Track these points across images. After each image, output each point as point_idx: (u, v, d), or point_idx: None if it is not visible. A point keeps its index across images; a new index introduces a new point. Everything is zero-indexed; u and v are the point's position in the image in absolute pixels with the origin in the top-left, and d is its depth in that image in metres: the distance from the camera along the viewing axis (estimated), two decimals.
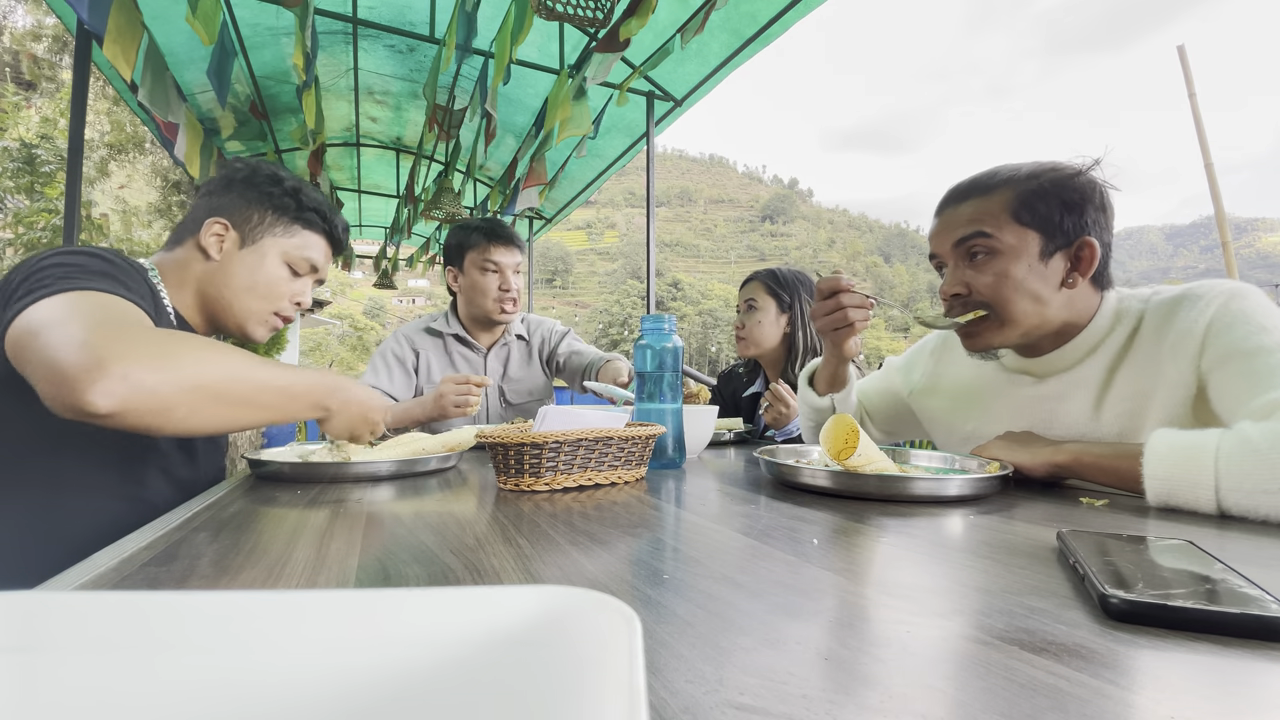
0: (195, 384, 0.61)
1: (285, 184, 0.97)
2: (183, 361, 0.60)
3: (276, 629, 0.19)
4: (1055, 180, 0.80)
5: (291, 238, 0.97)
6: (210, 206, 0.93)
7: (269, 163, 1.00)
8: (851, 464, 0.69)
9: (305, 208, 0.98)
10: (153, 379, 0.57)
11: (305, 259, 0.98)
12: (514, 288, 1.58)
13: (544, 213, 5.02)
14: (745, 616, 0.32)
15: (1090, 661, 0.27)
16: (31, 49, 11.63)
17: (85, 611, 0.18)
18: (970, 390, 0.99)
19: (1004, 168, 0.85)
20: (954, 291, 0.86)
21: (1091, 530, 0.46)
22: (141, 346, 0.58)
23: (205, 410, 0.63)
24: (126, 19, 1.87)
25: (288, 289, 0.98)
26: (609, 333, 77.42)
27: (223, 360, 0.65)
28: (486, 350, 1.67)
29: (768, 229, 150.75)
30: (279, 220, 0.96)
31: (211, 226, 0.91)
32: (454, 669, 0.18)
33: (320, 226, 1.00)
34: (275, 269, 0.96)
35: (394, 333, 1.66)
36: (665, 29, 2.59)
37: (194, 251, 0.92)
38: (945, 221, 0.88)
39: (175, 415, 0.60)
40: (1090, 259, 0.80)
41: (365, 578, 0.40)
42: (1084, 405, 0.84)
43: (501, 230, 1.58)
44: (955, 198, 0.87)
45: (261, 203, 0.95)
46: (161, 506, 0.83)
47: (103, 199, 9.58)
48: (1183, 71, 4.76)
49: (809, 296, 1.59)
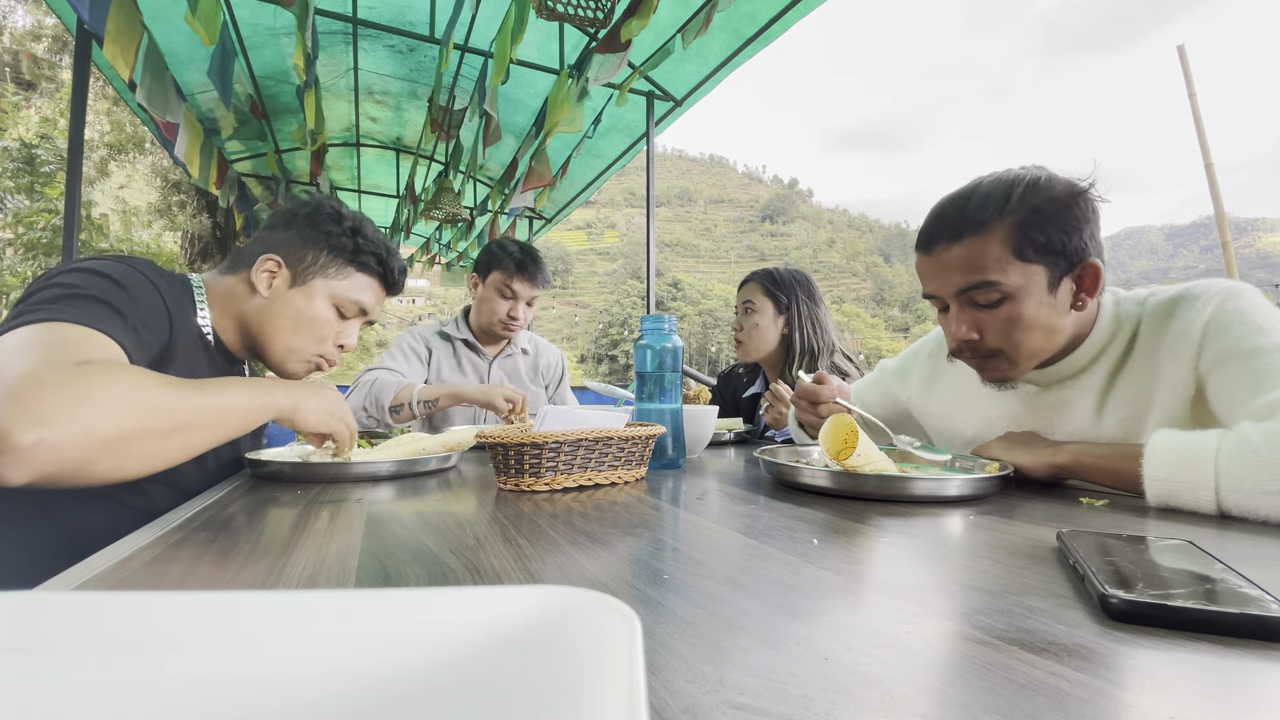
0: (116, 433, 0.57)
1: (345, 223, 0.96)
2: (100, 410, 0.56)
3: (277, 629, 0.19)
4: (1051, 205, 0.75)
5: (343, 280, 0.96)
6: (269, 241, 0.93)
7: (332, 200, 0.99)
8: (850, 464, 0.69)
9: (362, 250, 0.97)
10: (67, 444, 0.53)
11: (354, 301, 0.97)
12: (521, 316, 1.66)
13: (544, 213, 5.02)
14: (745, 616, 0.32)
15: (1090, 661, 0.27)
16: (31, 49, 11.64)
17: (85, 611, 0.18)
18: (971, 395, 0.98)
19: (989, 191, 0.78)
20: (967, 338, 0.82)
21: (1091, 530, 0.46)
22: (55, 402, 0.54)
23: (133, 457, 0.59)
24: (126, 19, 1.87)
25: (332, 330, 0.96)
26: (609, 333, 77.42)
27: (146, 397, 0.60)
28: (492, 358, 1.74)
29: (768, 229, 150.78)
30: (333, 261, 0.95)
31: (265, 263, 0.91)
32: (454, 669, 0.18)
33: (375, 270, 0.99)
34: (322, 310, 0.94)
35: (410, 329, 1.73)
36: (665, 29, 2.59)
37: (244, 284, 0.92)
38: (940, 264, 0.81)
39: (98, 470, 0.56)
40: (1095, 279, 0.78)
41: (365, 578, 0.40)
42: (1086, 411, 0.83)
43: (531, 265, 1.63)
44: (946, 234, 0.80)
45: (318, 242, 0.94)
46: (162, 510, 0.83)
47: (103, 199, 9.59)
48: (1183, 71, 4.76)
49: (806, 296, 1.59)
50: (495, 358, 1.74)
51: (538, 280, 1.65)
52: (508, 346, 1.76)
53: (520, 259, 1.62)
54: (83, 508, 0.76)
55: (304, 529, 0.53)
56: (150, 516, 0.60)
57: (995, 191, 0.77)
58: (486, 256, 1.67)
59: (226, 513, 0.61)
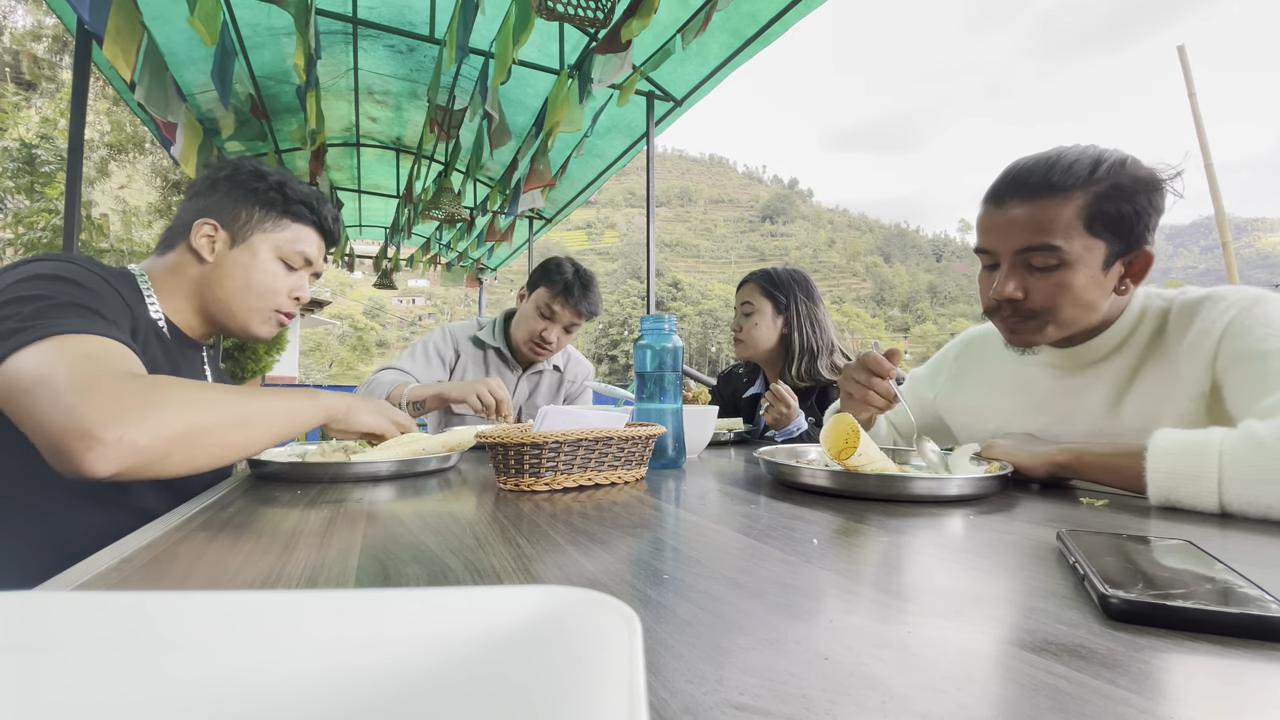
0: (186, 429, 0.62)
1: (270, 178, 0.95)
2: (169, 411, 0.62)
3: (277, 629, 0.19)
4: (1133, 186, 0.76)
5: (282, 231, 0.96)
6: (198, 208, 0.92)
7: (250, 158, 0.98)
8: (852, 463, 0.69)
9: (292, 200, 0.96)
10: (146, 438, 0.59)
11: (298, 252, 0.97)
12: (554, 341, 1.60)
13: (544, 213, 5.02)
14: (745, 616, 0.32)
15: (1090, 661, 0.27)
16: (31, 49, 11.64)
17: (85, 611, 0.18)
18: (994, 389, 0.98)
19: (1075, 159, 0.77)
20: (1013, 296, 0.82)
21: (1091, 530, 0.46)
22: (127, 403, 0.59)
23: (202, 449, 0.64)
24: (126, 19, 1.87)
25: (284, 284, 0.97)
26: (609, 333, 77.44)
27: (209, 398, 0.66)
28: (522, 371, 1.69)
29: (768, 229, 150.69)
30: (267, 215, 0.94)
31: (201, 228, 0.90)
32: (454, 669, 0.18)
33: (310, 218, 0.99)
34: (269, 265, 0.95)
35: (441, 326, 1.68)
36: (666, 29, 2.59)
37: (186, 255, 0.91)
38: (1008, 219, 0.80)
39: (173, 462, 0.62)
40: (1145, 267, 0.79)
41: (365, 578, 0.40)
42: (1104, 400, 0.84)
43: (578, 290, 1.56)
44: (1022, 192, 0.79)
45: (248, 199, 0.93)
46: (157, 513, 0.83)
47: (103, 199, 9.58)
48: (1183, 71, 4.77)
49: (804, 296, 1.58)
50: (526, 372, 1.69)
51: (582, 308, 1.57)
52: (540, 363, 1.70)
53: (570, 281, 1.56)
54: (70, 517, 0.75)
55: (304, 529, 0.53)
56: (141, 518, 0.60)
57: (1082, 160, 0.77)
58: (540, 270, 1.61)
59: (226, 513, 0.61)
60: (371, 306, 76.68)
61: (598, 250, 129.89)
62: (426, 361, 1.58)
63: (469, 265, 6.28)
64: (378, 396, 1.38)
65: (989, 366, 1.00)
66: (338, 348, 44.97)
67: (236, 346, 6.42)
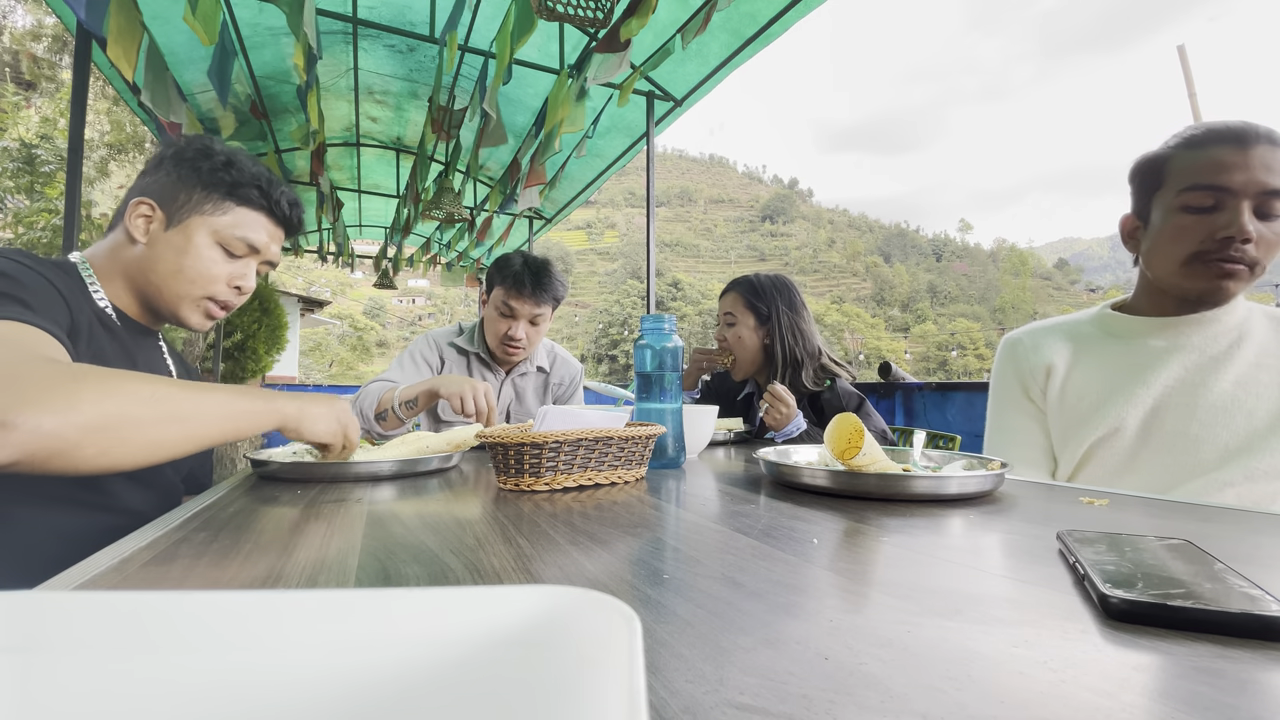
0: (103, 419, 0.56)
1: (216, 158, 0.89)
2: (83, 398, 0.56)
3: (277, 629, 0.19)
4: None
5: (223, 215, 0.89)
6: (139, 187, 0.88)
7: (202, 136, 0.92)
8: (855, 464, 0.68)
9: (240, 184, 0.89)
10: (50, 423, 0.53)
11: (241, 239, 0.90)
12: (522, 337, 1.52)
13: (544, 213, 5.03)
14: (745, 616, 0.32)
15: (1090, 661, 0.27)
16: (31, 49, 11.63)
17: (85, 611, 0.18)
18: (1121, 372, 0.94)
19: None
20: (1248, 235, 0.81)
21: (1091, 530, 0.46)
22: (35, 387, 0.55)
23: (123, 443, 0.58)
24: (126, 19, 1.87)
25: (222, 271, 0.90)
26: (609, 333, 77.43)
27: (139, 390, 0.60)
28: (505, 374, 1.66)
29: (768, 229, 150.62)
30: (208, 197, 0.88)
31: (138, 208, 0.86)
32: (454, 669, 0.18)
33: (259, 202, 0.91)
34: (205, 250, 0.88)
35: (426, 335, 1.65)
36: (665, 29, 2.59)
37: (122, 236, 0.87)
38: (1258, 158, 0.81)
39: (85, 454, 0.56)
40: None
41: (365, 578, 0.40)
42: (1228, 388, 0.86)
43: (529, 280, 1.47)
44: (1267, 139, 0.81)
45: (190, 179, 0.87)
46: (133, 514, 0.80)
47: (103, 199, 9.57)
48: (1183, 71, 4.76)
49: (787, 306, 1.55)
50: (509, 375, 1.65)
51: (539, 296, 1.48)
52: (523, 365, 1.66)
53: (518, 273, 1.47)
54: (40, 519, 0.73)
55: (304, 529, 0.53)
56: (120, 525, 0.59)
57: None
58: (492, 270, 1.55)
59: (226, 513, 0.61)
60: (371, 306, 76.68)
61: (598, 250, 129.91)
62: (415, 369, 1.55)
63: (469, 265, 6.29)
64: (369, 409, 1.34)
65: (1111, 350, 0.96)
66: (338, 348, 45.00)
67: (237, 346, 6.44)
